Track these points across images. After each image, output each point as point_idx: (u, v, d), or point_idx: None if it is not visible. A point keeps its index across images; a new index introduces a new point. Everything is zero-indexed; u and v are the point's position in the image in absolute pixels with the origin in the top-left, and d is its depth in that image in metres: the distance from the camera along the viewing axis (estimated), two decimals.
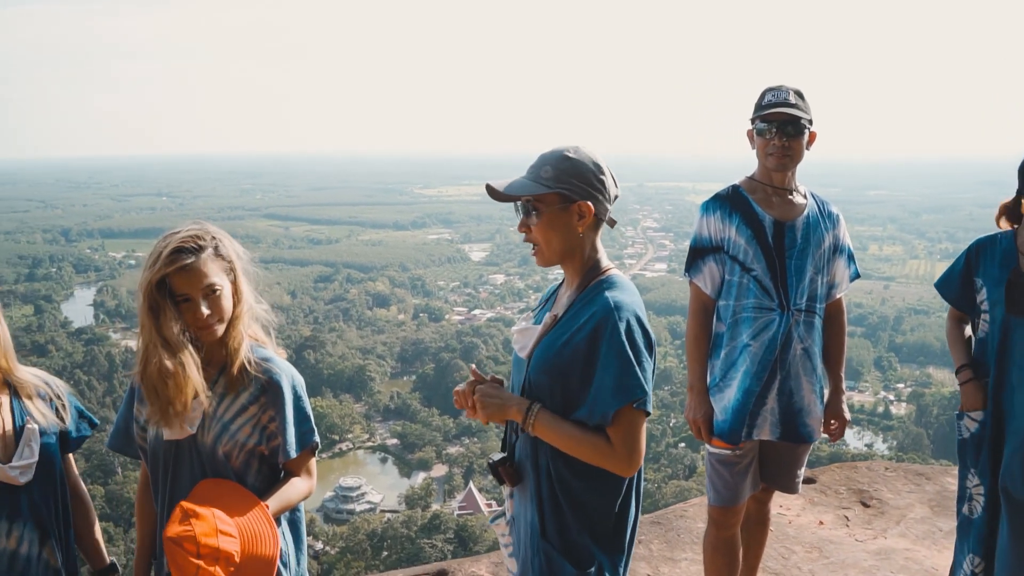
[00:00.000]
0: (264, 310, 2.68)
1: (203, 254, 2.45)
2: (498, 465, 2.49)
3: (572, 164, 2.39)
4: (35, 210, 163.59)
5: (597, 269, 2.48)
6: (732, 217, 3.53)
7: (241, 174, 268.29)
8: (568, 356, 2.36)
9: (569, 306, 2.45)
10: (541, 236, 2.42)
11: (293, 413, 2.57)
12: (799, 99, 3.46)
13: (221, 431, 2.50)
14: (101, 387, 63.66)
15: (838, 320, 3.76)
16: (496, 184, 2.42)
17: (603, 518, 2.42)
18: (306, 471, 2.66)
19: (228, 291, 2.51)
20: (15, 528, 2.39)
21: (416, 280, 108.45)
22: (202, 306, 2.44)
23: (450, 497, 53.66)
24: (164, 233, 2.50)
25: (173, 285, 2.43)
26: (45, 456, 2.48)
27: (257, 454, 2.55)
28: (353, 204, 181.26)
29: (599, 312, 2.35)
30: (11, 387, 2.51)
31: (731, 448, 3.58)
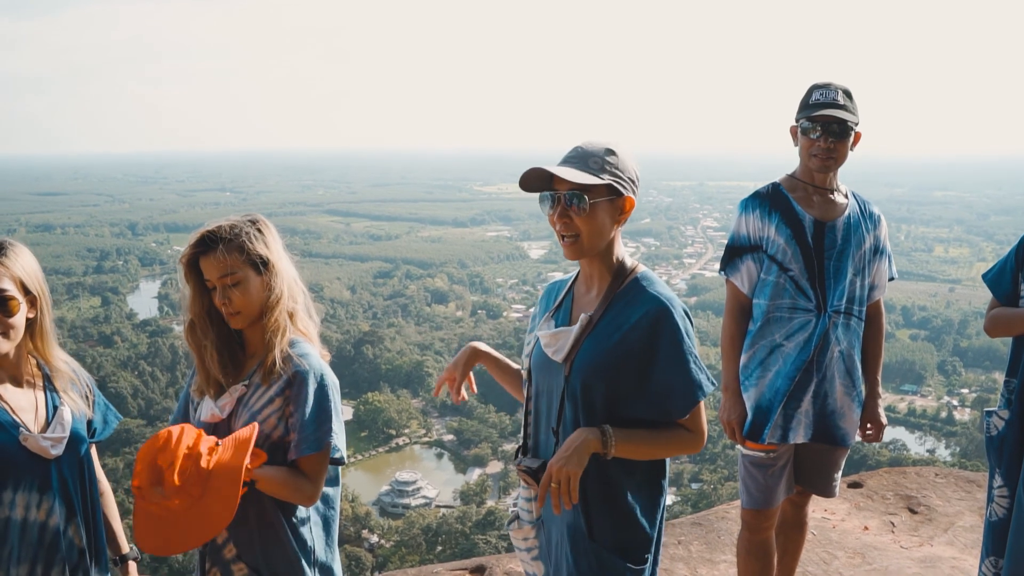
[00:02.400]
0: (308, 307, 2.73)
1: (224, 244, 2.55)
2: (540, 471, 2.43)
3: (619, 159, 2.39)
4: (104, 204, 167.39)
5: (625, 265, 2.48)
6: (771, 216, 3.49)
7: (303, 170, 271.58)
8: (621, 355, 2.36)
9: (606, 305, 2.43)
10: (585, 227, 2.37)
11: (314, 411, 2.55)
12: (847, 99, 3.41)
13: (249, 420, 2.55)
14: (164, 378, 64.84)
15: (877, 322, 3.70)
16: (553, 169, 2.35)
17: (649, 512, 2.46)
18: (313, 475, 2.57)
19: (254, 284, 2.58)
20: (45, 500, 2.44)
21: (474, 277, 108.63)
22: (219, 294, 2.58)
23: (505, 494, 53.65)
24: None
25: (202, 269, 2.59)
26: (73, 438, 2.54)
27: (283, 446, 2.57)
28: (413, 201, 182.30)
29: (653, 310, 2.36)
30: (45, 371, 2.58)
31: (765, 450, 3.56)
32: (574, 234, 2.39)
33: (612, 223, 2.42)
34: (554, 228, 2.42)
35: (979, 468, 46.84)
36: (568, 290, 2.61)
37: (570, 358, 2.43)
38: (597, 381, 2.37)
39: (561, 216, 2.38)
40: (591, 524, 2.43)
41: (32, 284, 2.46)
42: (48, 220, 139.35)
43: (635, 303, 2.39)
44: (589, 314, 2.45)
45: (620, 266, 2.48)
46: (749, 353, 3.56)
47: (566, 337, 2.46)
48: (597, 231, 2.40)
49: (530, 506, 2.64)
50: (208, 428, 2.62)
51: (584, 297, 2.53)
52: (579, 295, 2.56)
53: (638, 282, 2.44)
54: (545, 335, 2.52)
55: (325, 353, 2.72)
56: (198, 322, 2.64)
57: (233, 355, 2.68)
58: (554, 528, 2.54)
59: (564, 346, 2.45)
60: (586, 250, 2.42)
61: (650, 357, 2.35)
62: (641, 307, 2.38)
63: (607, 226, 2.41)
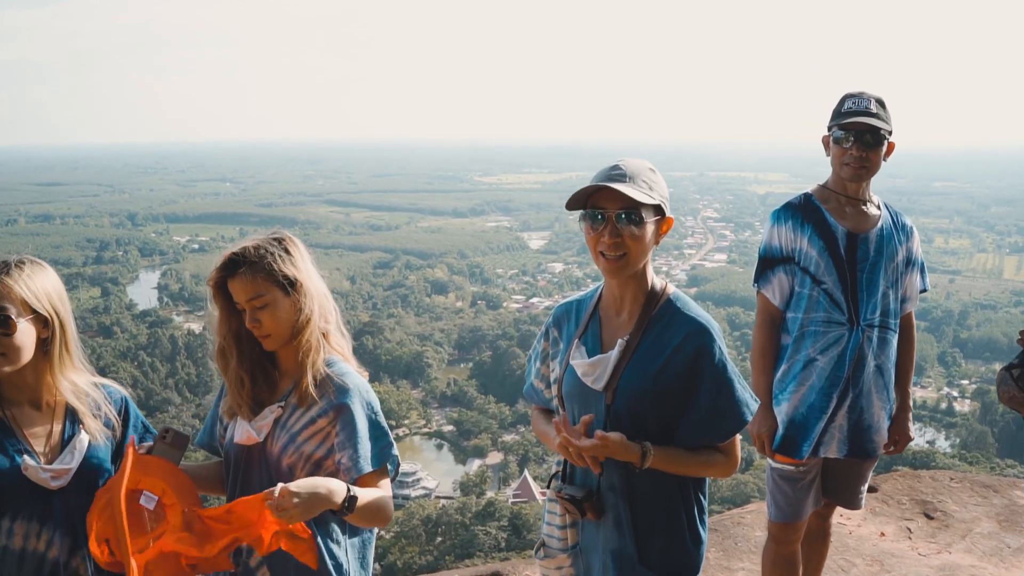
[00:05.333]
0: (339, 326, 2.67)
1: (250, 267, 2.50)
2: (584, 500, 2.40)
3: (659, 179, 2.37)
4: (103, 194, 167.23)
5: (656, 287, 2.43)
6: (804, 227, 3.44)
7: (303, 160, 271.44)
8: (667, 380, 2.33)
9: (643, 328, 2.38)
10: (636, 246, 2.31)
11: (369, 428, 2.53)
12: (880, 108, 3.36)
13: (288, 442, 2.51)
14: (164, 368, 64.91)
15: (908, 334, 3.64)
16: (618, 187, 2.25)
17: (696, 533, 2.44)
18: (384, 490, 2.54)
19: (283, 306, 2.52)
20: (45, 531, 2.35)
21: (474, 267, 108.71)
22: (248, 317, 2.52)
23: (505, 485, 53.78)
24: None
25: (230, 291, 2.54)
26: (89, 467, 2.43)
27: (324, 468, 2.51)
28: (413, 191, 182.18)
29: (694, 334, 2.34)
30: None
31: (795, 464, 3.50)
32: (622, 253, 2.32)
33: (654, 243, 2.38)
34: (592, 246, 2.35)
35: (979, 460, 46.99)
36: (592, 312, 2.52)
37: (611, 386, 2.37)
38: (645, 407, 2.34)
39: (612, 235, 2.30)
40: (641, 549, 2.39)
41: (40, 304, 2.35)
42: (48, 210, 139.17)
43: (673, 326, 2.37)
44: (626, 338, 2.39)
45: (652, 287, 2.43)
46: (784, 367, 3.50)
47: (605, 364, 2.40)
48: (643, 250, 2.35)
49: (564, 533, 2.57)
50: (243, 450, 2.57)
51: (614, 320, 2.47)
52: (608, 318, 2.49)
53: (672, 304, 2.41)
54: (581, 364, 2.44)
55: (363, 371, 2.68)
56: (227, 345, 2.59)
57: (267, 376, 2.63)
58: (595, 556, 2.48)
59: (604, 374, 2.39)
60: (631, 269, 2.37)
61: (696, 381, 2.34)
62: (681, 330, 2.36)
63: (651, 246, 2.37)
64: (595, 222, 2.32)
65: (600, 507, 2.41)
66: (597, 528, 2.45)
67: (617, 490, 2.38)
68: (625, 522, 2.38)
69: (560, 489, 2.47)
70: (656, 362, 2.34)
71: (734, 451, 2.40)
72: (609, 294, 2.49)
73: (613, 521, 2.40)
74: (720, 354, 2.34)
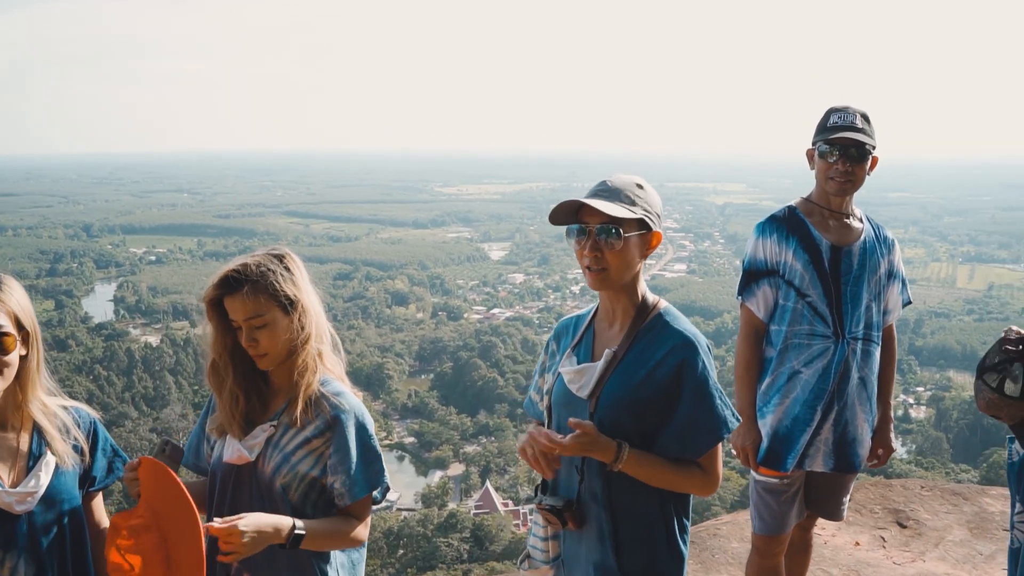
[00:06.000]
0: (338, 345, 2.65)
1: (251, 285, 2.45)
2: (565, 510, 2.41)
3: (648, 194, 2.42)
4: (57, 205, 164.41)
5: (647, 301, 2.46)
6: (789, 240, 3.46)
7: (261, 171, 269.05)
8: (649, 391, 2.36)
9: (631, 340, 2.41)
10: (615, 261, 2.36)
11: (359, 452, 2.49)
12: (865, 123, 3.39)
13: (281, 462, 2.48)
14: (120, 382, 63.96)
15: (889, 347, 3.68)
16: (592, 201, 2.33)
17: (677, 545, 2.44)
18: (363, 516, 2.55)
19: (282, 325, 2.48)
20: (9, 557, 2.26)
21: (435, 278, 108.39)
22: (245, 336, 2.47)
23: (467, 496, 53.57)
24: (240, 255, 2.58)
25: (227, 308, 2.48)
26: (56, 491, 2.36)
27: (318, 487, 2.50)
28: (373, 202, 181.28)
29: (680, 347, 2.37)
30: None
31: (779, 476, 3.52)
32: (603, 267, 2.38)
33: (639, 257, 2.41)
34: (580, 260, 2.41)
35: (934, 466, 47.62)
36: (588, 325, 2.57)
37: (595, 394, 2.41)
38: (624, 417, 2.36)
39: (592, 249, 2.37)
40: (622, 561, 2.40)
41: (27, 320, 2.31)
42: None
43: (660, 339, 2.40)
44: (614, 350, 2.44)
45: (643, 301, 2.47)
46: (768, 380, 3.52)
47: (591, 373, 2.44)
48: (626, 265, 2.39)
49: (546, 545, 2.58)
50: (232, 470, 2.51)
51: (607, 332, 2.51)
52: (601, 330, 2.54)
53: (662, 317, 2.45)
54: (569, 371, 2.49)
55: (357, 391, 2.64)
56: (223, 362, 2.54)
57: (259, 393, 2.58)
58: (578, 567, 2.50)
59: (589, 382, 2.43)
60: (612, 283, 2.42)
61: (676, 393, 2.36)
62: (667, 343, 2.39)
63: (635, 260, 2.41)
64: (578, 236, 2.40)
65: (581, 516, 2.42)
66: (579, 539, 2.46)
67: (598, 499, 2.40)
68: (607, 533, 2.39)
69: (540, 500, 2.48)
70: (639, 373, 2.37)
71: (714, 468, 2.40)
72: (603, 307, 2.54)
73: (595, 532, 2.42)
74: (703, 368, 2.36)
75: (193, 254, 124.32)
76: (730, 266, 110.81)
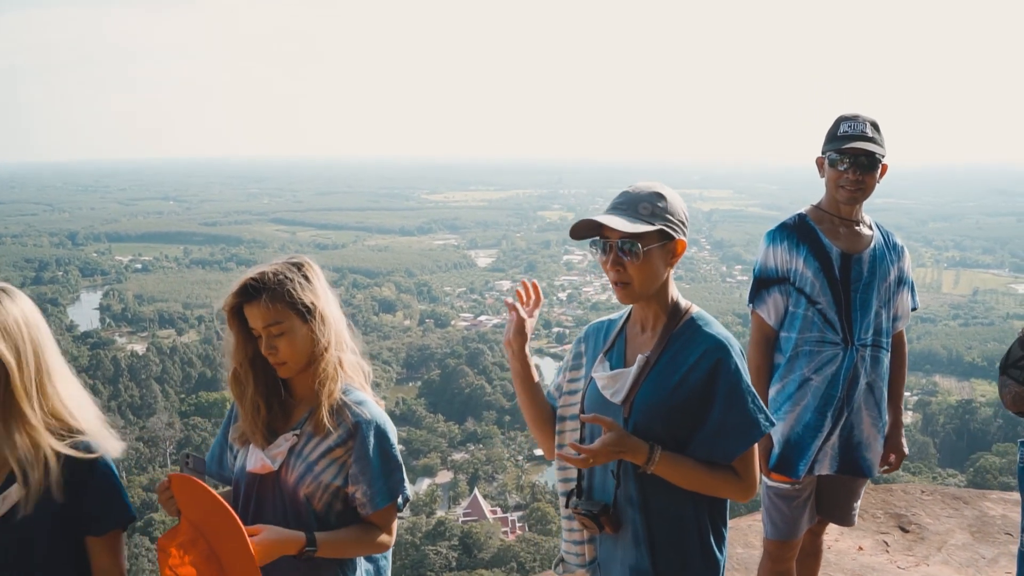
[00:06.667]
0: (357, 353, 2.64)
1: (268, 293, 2.45)
2: (601, 514, 2.42)
3: (668, 202, 2.39)
4: (42, 213, 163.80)
5: (679, 305, 2.47)
6: (800, 248, 3.47)
7: (248, 178, 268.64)
8: (683, 396, 2.35)
9: (664, 346, 2.42)
10: (638, 274, 2.36)
11: (383, 462, 2.49)
12: (875, 131, 3.41)
13: (305, 471, 2.47)
14: (106, 391, 63.59)
15: (899, 352, 3.69)
16: (603, 219, 2.34)
17: (715, 549, 2.43)
18: (387, 525, 2.55)
19: (301, 333, 2.47)
20: None
21: (422, 286, 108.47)
22: (264, 344, 2.47)
23: (455, 504, 53.51)
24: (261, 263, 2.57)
25: (246, 316, 2.49)
26: (23, 534, 2.20)
27: (342, 496, 2.50)
28: (359, 209, 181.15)
29: (712, 350, 2.37)
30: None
31: (790, 482, 3.52)
32: (627, 281, 2.38)
33: (665, 267, 2.42)
34: (606, 273, 2.40)
35: (921, 471, 47.74)
36: (620, 330, 2.57)
37: (629, 399, 2.41)
38: (658, 422, 2.36)
39: (614, 264, 2.37)
40: (657, 564, 2.39)
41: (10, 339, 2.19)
42: None
43: (693, 343, 2.40)
44: (646, 355, 2.43)
45: (675, 306, 2.47)
46: (778, 386, 3.53)
47: (624, 378, 2.44)
48: (650, 276, 2.39)
49: (581, 549, 2.61)
50: (255, 479, 2.51)
51: (639, 338, 2.51)
52: (632, 336, 2.54)
53: (694, 322, 2.45)
54: (602, 377, 2.49)
55: (380, 400, 2.63)
56: (244, 371, 2.53)
57: (280, 402, 2.57)
58: (613, 570, 2.50)
59: (623, 388, 2.43)
60: (638, 295, 2.42)
61: (710, 397, 2.35)
62: (699, 347, 2.39)
63: (660, 270, 2.40)
64: (598, 251, 2.41)
65: (618, 520, 2.42)
66: (615, 543, 2.47)
67: (634, 502, 2.40)
68: (642, 536, 2.39)
69: (577, 505, 2.48)
70: (673, 378, 2.37)
71: (750, 472, 2.39)
72: (635, 313, 2.54)
73: (631, 535, 2.41)
74: (736, 371, 2.36)
75: (179, 262, 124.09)
76: (716, 272, 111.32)
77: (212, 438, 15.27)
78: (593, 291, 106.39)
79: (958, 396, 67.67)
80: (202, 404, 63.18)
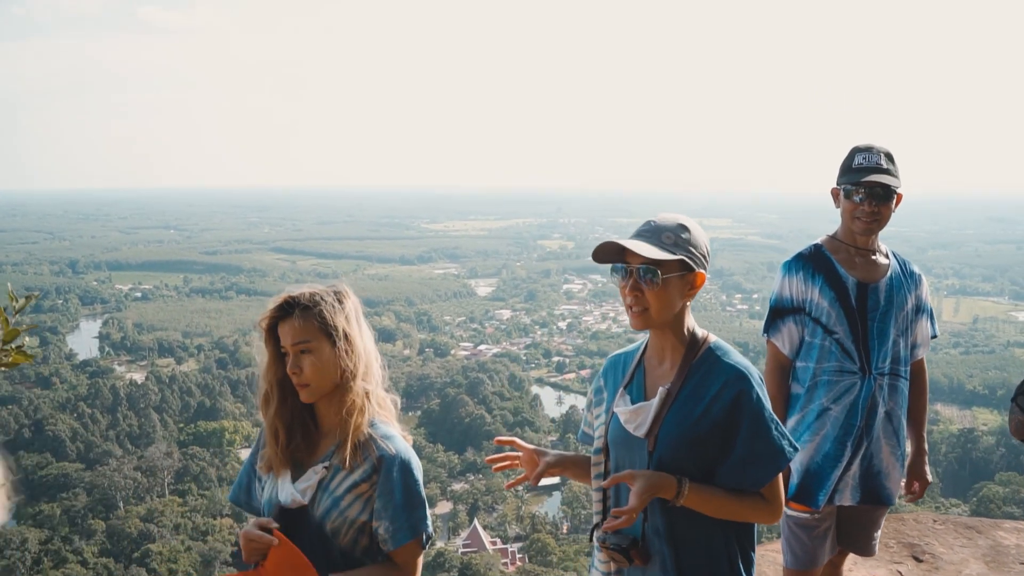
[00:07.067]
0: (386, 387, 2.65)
1: (301, 311, 2.48)
2: (631, 548, 2.41)
3: (692, 235, 2.42)
4: (43, 241, 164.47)
5: (696, 336, 2.47)
6: (815, 278, 3.48)
7: (249, 208, 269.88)
8: (707, 427, 2.36)
9: (684, 377, 2.43)
10: (656, 301, 2.38)
11: (406, 498, 2.47)
12: (890, 163, 3.42)
13: (331, 506, 2.46)
14: (105, 420, 63.47)
15: (920, 380, 3.67)
16: (627, 243, 2.37)
17: (745, 568, 2.46)
18: (410, 564, 2.52)
19: (327, 356, 2.48)
20: None
21: (422, 315, 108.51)
22: (290, 362, 2.48)
23: (454, 535, 53.23)
24: None
25: (279, 335, 2.51)
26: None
27: (367, 531, 2.48)
28: (360, 238, 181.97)
29: (733, 380, 2.39)
30: None
31: (810, 511, 3.49)
32: (643, 307, 2.40)
33: (681, 297, 2.43)
34: (623, 298, 2.43)
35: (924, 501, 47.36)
36: (638, 362, 2.57)
37: (653, 432, 2.42)
38: (684, 454, 2.37)
39: (633, 289, 2.39)
40: None
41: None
42: None
43: (713, 374, 2.41)
44: (667, 387, 2.44)
45: (692, 337, 2.48)
46: (798, 416, 3.51)
47: (646, 412, 2.45)
48: (666, 305, 2.40)
49: None
50: (284, 511, 2.51)
51: (657, 369, 2.52)
52: (651, 368, 2.54)
53: (713, 352, 2.46)
54: (624, 411, 2.49)
55: (407, 435, 2.61)
56: (271, 392, 2.55)
57: (305, 432, 2.56)
58: None
59: (645, 421, 2.44)
60: (653, 323, 2.43)
61: (734, 427, 2.37)
62: (720, 377, 2.40)
63: (676, 300, 2.42)
64: (618, 276, 2.43)
65: (647, 553, 2.42)
66: (643, 574, 2.45)
67: (661, 534, 2.40)
68: (671, 567, 2.40)
69: (604, 539, 2.46)
70: (696, 409, 2.38)
71: (777, 496, 2.41)
72: (652, 345, 2.55)
73: (659, 567, 2.41)
74: (758, 400, 2.38)
75: (179, 290, 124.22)
76: (716, 301, 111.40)
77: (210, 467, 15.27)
78: (593, 320, 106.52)
79: (960, 425, 67.48)
80: (201, 434, 62.97)
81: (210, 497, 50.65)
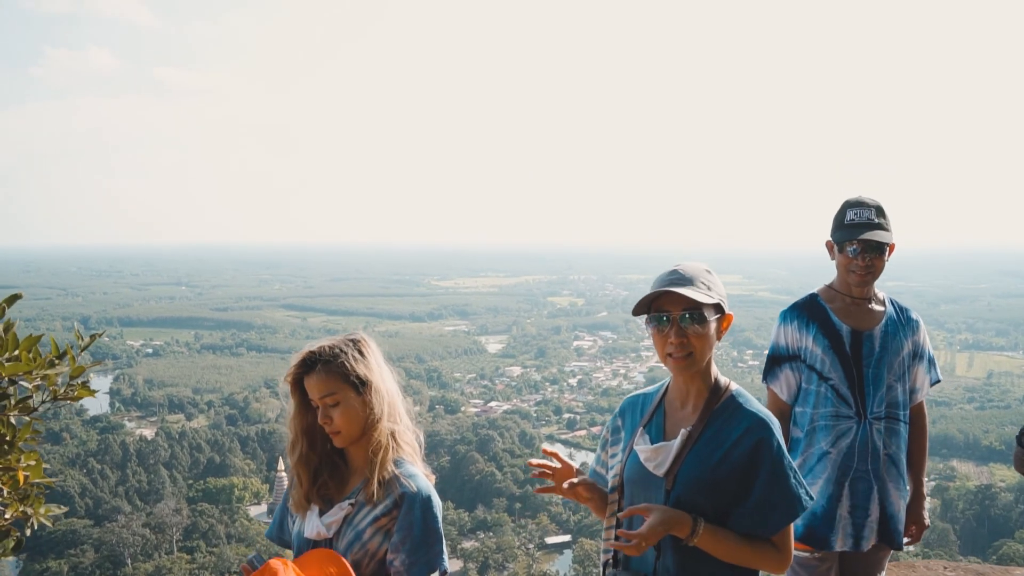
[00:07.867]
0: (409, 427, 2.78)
1: (324, 365, 2.62)
2: None
3: (716, 279, 2.52)
4: (56, 298, 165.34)
5: (719, 383, 2.54)
6: (809, 327, 3.60)
7: (260, 264, 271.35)
8: (726, 471, 2.41)
9: (706, 421, 2.49)
10: (700, 345, 2.45)
11: (421, 534, 2.57)
12: (880, 217, 3.53)
13: (354, 539, 2.59)
14: (114, 476, 63.29)
15: (919, 424, 3.74)
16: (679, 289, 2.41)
17: None
18: None
19: (354, 404, 2.63)
20: None
21: (432, 371, 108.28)
22: (320, 414, 2.62)
23: None
24: None
25: (306, 388, 2.66)
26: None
27: (385, 563, 2.60)
28: (370, 295, 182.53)
29: (754, 428, 2.44)
30: None
31: (811, 551, 3.54)
32: (687, 352, 2.45)
33: (716, 339, 2.51)
34: (659, 348, 2.49)
35: (942, 558, 46.72)
36: (658, 404, 2.64)
37: (672, 472, 2.46)
38: (700, 495, 2.42)
39: (677, 335, 2.44)
40: None
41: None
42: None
43: (735, 420, 2.47)
44: (689, 429, 2.49)
45: (716, 383, 2.54)
46: (800, 460, 3.59)
47: (667, 452, 2.49)
48: (708, 346, 2.48)
49: None
50: (311, 545, 2.66)
51: (679, 412, 2.58)
52: (672, 410, 2.60)
53: (735, 399, 2.52)
54: (645, 449, 2.54)
55: (430, 474, 2.73)
56: (297, 440, 2.71)
57: (334, 471, 2.73)
58: None
59: (665, 460, 2.49)
60: (697, 366, 2.48)
61: (752, 473, 2.42)
62: (742, 424, 2.45)
63: (713, 342, 2.49)
64: (660, 324, 2.46)
65: None
66: None
67: (672, 573, 2.43)
68: None
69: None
70: (716, 453, 2.43)
71: (787, 546, 2.45)
72: (675, 388, 2.60)
73: None
74: (778, 448, 2.43)
75: (190, 347, 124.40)
76: (727, 357, 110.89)
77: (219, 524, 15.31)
78: (603, 377, 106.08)
79: (977, 481, 66.65)
80: (210, 490, 62.67)
81: (218, 554, 50.17)
